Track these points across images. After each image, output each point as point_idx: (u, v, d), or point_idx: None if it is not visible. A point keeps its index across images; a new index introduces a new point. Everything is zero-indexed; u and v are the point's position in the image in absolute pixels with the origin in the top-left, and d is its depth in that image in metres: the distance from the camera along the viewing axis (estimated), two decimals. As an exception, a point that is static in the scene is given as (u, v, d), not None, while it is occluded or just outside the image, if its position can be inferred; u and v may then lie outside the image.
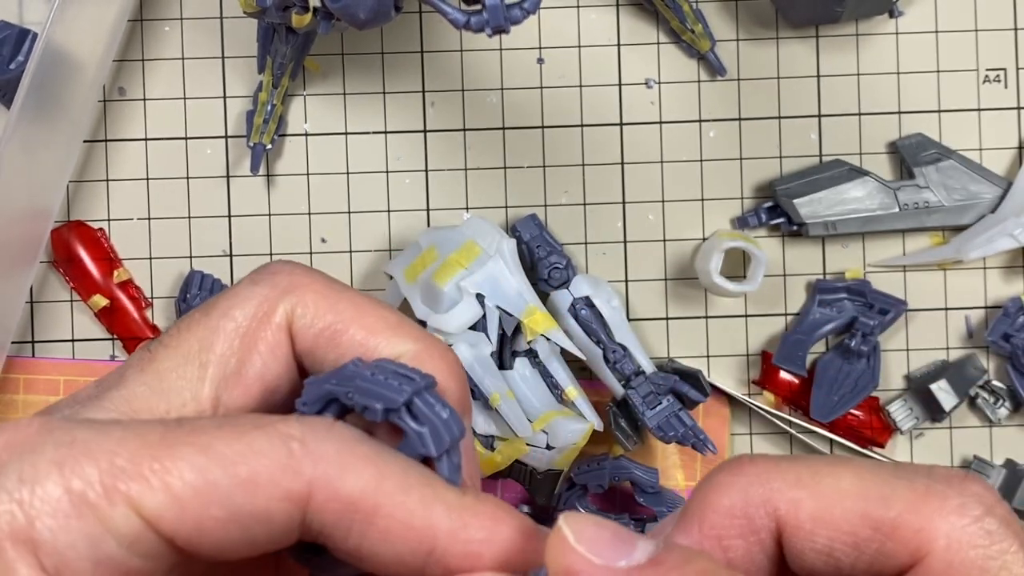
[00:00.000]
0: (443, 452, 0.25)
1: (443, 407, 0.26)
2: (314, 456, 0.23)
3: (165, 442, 0.23)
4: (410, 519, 0.23)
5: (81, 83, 0.51)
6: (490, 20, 0.39)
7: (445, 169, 0.55)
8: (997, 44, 0.55)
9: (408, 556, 0.24)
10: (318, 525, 0.24)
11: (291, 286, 0.27)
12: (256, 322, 0.27)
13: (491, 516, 0.24)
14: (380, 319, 0.27)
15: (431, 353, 0.27)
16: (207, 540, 0.23)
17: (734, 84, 0.55)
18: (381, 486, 0.23)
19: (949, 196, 0.54)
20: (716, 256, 0.52)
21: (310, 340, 0.27)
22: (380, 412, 0.25)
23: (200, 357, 0.27)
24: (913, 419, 0.55)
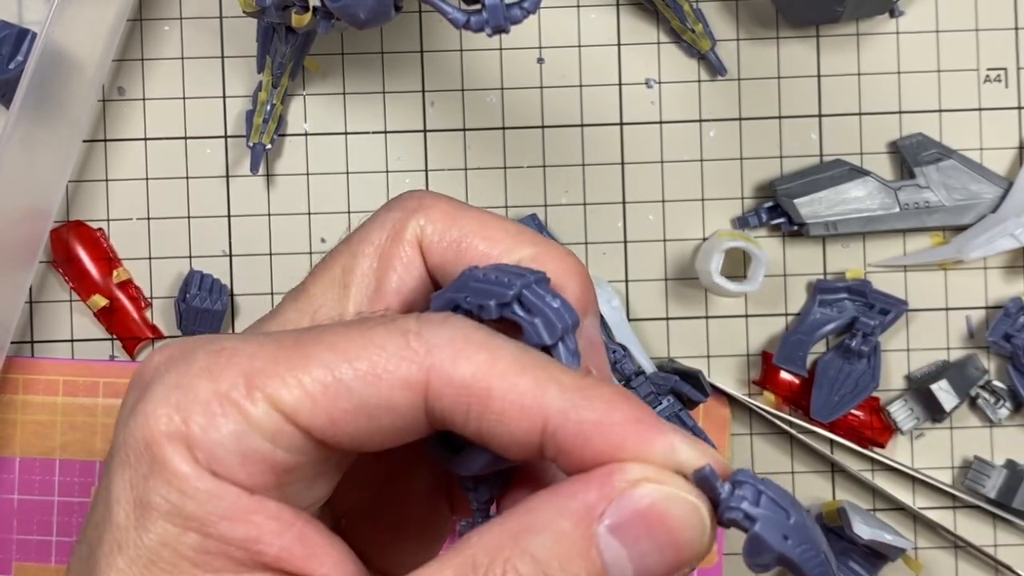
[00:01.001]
0: (557, 339, 0.26)
1: (553, 297, 0.26)
2: (429, 344, 0.25)
3: (298, 344, 0.25)
4: (521, 399, 0.24)
5: (80, 83, 0.51)
6: (490, 20, 0.39)
7: (445, 169, 0.55)
8: (998, 43, 0.55)
9: (522, 436, 0.24)
10: (439, 411, 0.25)
11: (419, 207, 0.29)
12: (390, 242, 0.29)
13: (606, 400, 0.24)
14: (500, 229, 0.29)
15: (549, 255, 0.28)
16: (341, 431, 0.25)
17: (734, 84, 0.55)
18: (493, 369, 0.24)
19: (950, 196, 0.54)
20: (716, 256, 0.52)
21: (439, 254, 0.29)
22: (493, 308, 0.26)
23: (343, 279, 0.29)
24: (914, 419, 0.55)
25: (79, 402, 0.54)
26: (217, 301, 0.54)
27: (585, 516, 0.24)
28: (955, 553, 0.56)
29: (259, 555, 0.25)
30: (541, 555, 0.23)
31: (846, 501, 0.54)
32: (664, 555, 0.24)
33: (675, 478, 0.24)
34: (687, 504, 0.24)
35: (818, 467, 0.56)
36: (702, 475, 0.24)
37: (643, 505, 0.24)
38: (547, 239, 0.29)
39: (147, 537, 0.24)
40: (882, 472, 0.55)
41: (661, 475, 0.24)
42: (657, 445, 0.24)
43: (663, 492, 0.24)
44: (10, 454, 0.54)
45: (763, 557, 0.24)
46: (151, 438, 0.24)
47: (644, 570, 0.24)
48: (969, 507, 0.55)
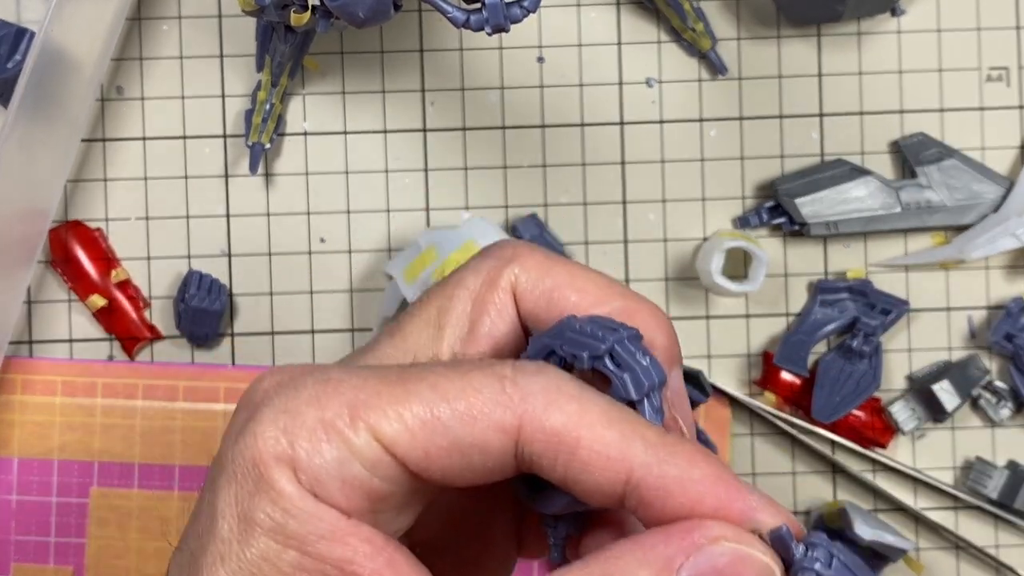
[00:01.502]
0: (643, 396, 0.27)
1: (643, 355, 0.28)
2: (523, 392, 0.26)
3: (401, 380, 0.27)
4: (608, 450, 0.26)
5: (79, 82, 0.51)
6: (490, 19, 0.39)
7: (445, 169, 0.55)
8: (999, 43, 0.55)
9: (607, 485, 0.26)
10: (528, 455, 0.26)
11: (514, 256, 0.31)
12: (485, 287, 0.30)
13: (687, 457, 0.26)
14: (590, 282, 0.30)
15: (639, 308, 0.30)
16: (434, 465, 0.26)
17: (735, 83, 0.55)
18: (583, 420, 0.26)
19: (951, 195, 0.54)
20: (717, 256, 0.52)
21: (531, 302, 0.30)
22: (586, 360, 0.28)
23: (438, 320, 0.30)
24: (915, 420, 0.55)
25: (77, 402, 0.54)
26: (216, 301, 0.54)
27: (665, 568, 0.25)
28: (956, 554, 0.55)
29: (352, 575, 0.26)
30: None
31: (847, 502, 0.54)
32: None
33: (752, 538, 0.25)
34: (762, 564, 0.25)
35: (819, 468, 0.55)
36: (778, 535, 0.25)
37: (721, 562, 0.25)
38: (636, 293, 0.31)
39: (249, 551, 0.26)
40: (883, 473, 0.55)
41: (739, 534, 0.25)
42: (736, 504, 0.26)
43: (740, 551, 0.25)
44: (8, 455, 0.54)
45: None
46: (259, 458, 0.26)
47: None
48: (971, 508, 0.55)
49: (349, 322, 0.55)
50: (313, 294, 0.55)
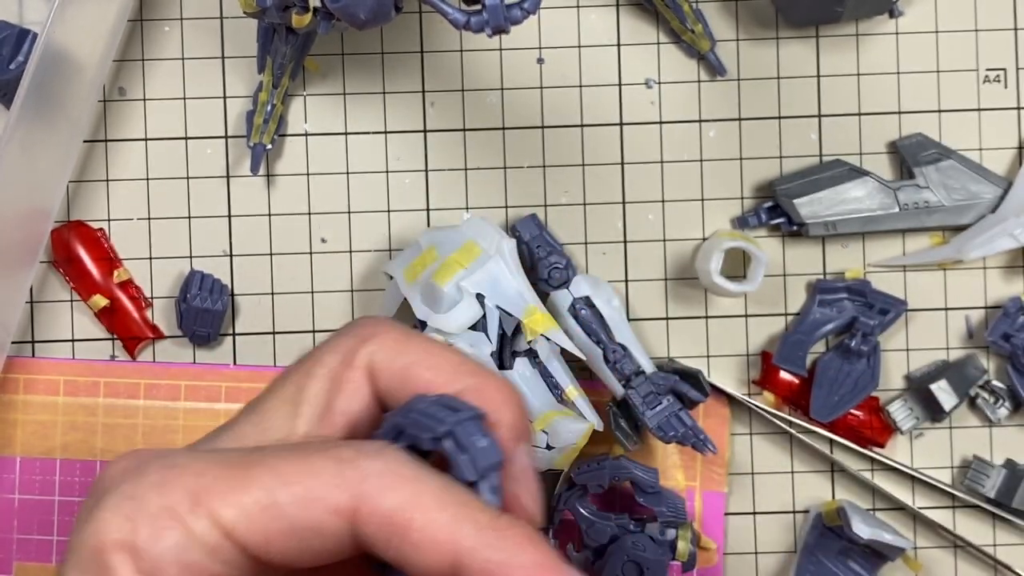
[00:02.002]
0: (480, 476, 0.28)
1: (482, 436, 0.28)
2: (361, 474, 0.27)
3: (243, 464, 0.27)
4: (437, 533, 0.26)
5: (81, 83, 0.51)
6: (490, 20, 0.39)
7: (445, 169, 0.55)
8: (997, 44, 0.55)
9: (436, 566, 0.26)
10: (363, 537, 0.27)
11: (372, 334, 0.31)
12: (342, 366, 0.31)
13: (515, 541, 0.26)
14: (444, 360, 0.31)
15: (488, 385, 0.30)
16: (274, 549, 0.27)
17: (734, 84, 0.55)
18: (417, 501, 0.26)
19: (949, 196, 0.54)
20: (716, 256, 0.52)
21: (386, 380, 0.31)
22: (427, 441, 0.28)
23: (295, 398, 0.31)
24: (913, 419, 0.55)
25: (80, 402, 0.54)
26: (218, 301, 0.54)
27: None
28: (954, 553, 0.56)
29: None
30: None
31: (846, 501, 0.55)
32: None
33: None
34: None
35: (818, 467, 0.56)
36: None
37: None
38: (488, 371, 0.31)
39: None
40: (882, 472, 0.55)
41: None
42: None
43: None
44: (11, 454, 0.54)
45: None
46: (100, 545, 0.27)
47: None
48: (968, 507, 0.55)
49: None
50: (314, 294, 0.55)
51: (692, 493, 0.55)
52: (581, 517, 0.52)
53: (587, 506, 0.53)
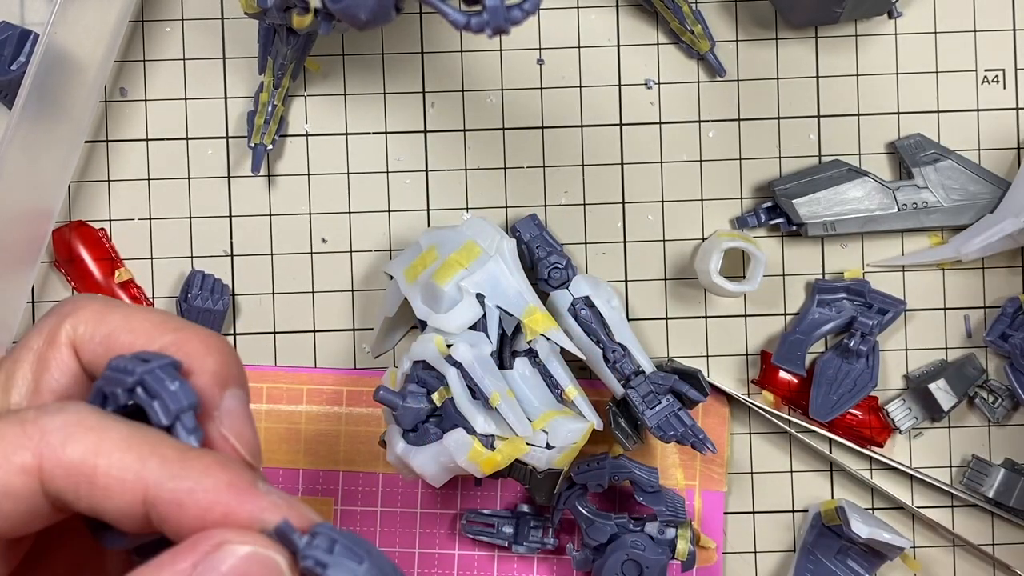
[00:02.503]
0: (174, 419, 0.28)
1: (172, 381, 0.29)
2: (42, 431, 0.27)
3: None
4: (123, 474, 0.26)
5: (82, 84, 0.51)
6: (490, 21, 0.39)
7: (445, 169, 0.55)
8: (996, 45, 0.55)
9: (127, 508, 0.27)
10: (53, 492, 0.27)
11: (71, 310, 0.31)
12: (46, 345, 0.31)
13: (202, 468, 0.27)
14: (144, 320, 0.31)
15: (189, 339, 0.30)
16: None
17: (733, 85, 0.55)
18: (101, 447, 0.26)
19: (948, 196, 0.54)
20: (716, 256, 0.52)
21: (91, 352, 0.31)
22: (121, 395, 0.28)
23: (5, 385, 0.31)
24: (912, 419, 0.55)
25: (81, 401, 0.54)
26: (219, 301, 0.54)
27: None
28: (953, 552, 0.56)
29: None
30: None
31: (845, 500, 0.55)
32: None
33: (257, 537, 0.26)
34: (266, 559, 0.26)
35: (817, 466, 0.56)
36: (279, 530, 0.26)
37: (226, 567, 0.26)
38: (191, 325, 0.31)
39: None
40: (880, 471, 0.55)
41: (242, 536, 0.26)
42: (244, 507, 0.26)
43: (243, 551, 0.26)
44: (12, 453, 0.54)
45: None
46: None
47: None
48: (967, 506, 0.55)
49: (350, 322, 0.55)
50: (315, 294, 0.55)
51: (691, 492, 0.55)
52: (581, 516, 0.52)
53: (587, 505, 0.53)
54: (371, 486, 0.55)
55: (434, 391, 0.48)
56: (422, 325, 0.50)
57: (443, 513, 0.55)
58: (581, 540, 0.53)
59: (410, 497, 0.55)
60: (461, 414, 0.47)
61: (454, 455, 0.47)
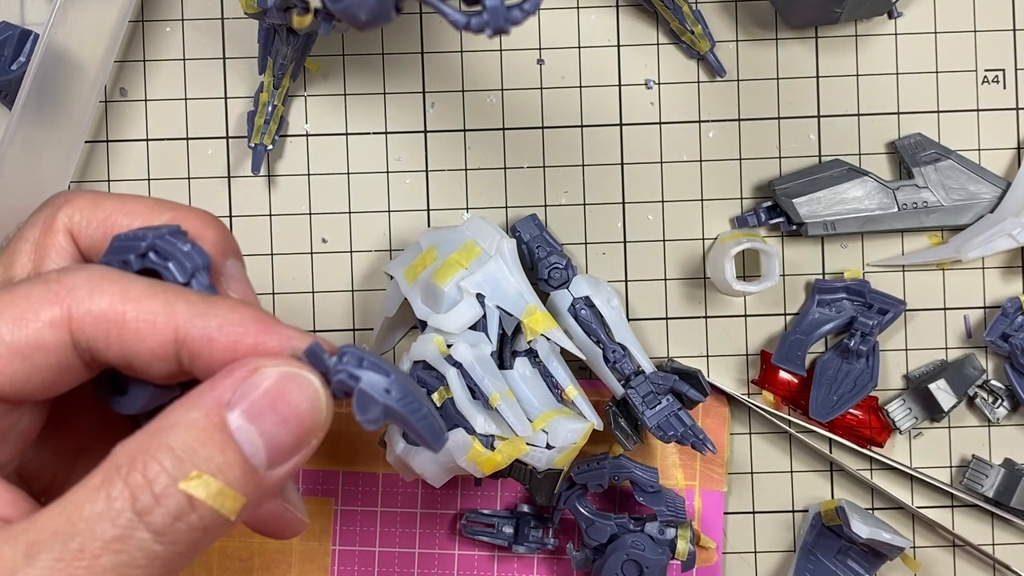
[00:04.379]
0: (190, 277, 0.30)
1: (184, 243, 0.30)
2: (68, 286, 0.28)
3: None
4: (153, 316, 0.28)
5: (82, 84, 0.51)
6: (490, 21, 0.39)
7: (445, 169, 0.55)
8: (996, 45, 0.55)
9: (159, 348, 0.28)
10: (84, 342, 0.28)
11: (65, 201, 0.32)
12: (43, 234, 0.32)
13: (228, 306, 0.28)
14: (138, 203, 0.32)
15: (186, 215, 0.32)
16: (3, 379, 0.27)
17: (733, 85, 0.55)
18: (127, 296, 0.28)
19: (948, 196, 0.54)
20: (728, 265, 0.52)
21: (88, 237, 0.32)
22: (134, 261, 0.30)
23: (5, 275, 0.32)
24: (912, 419, 0.55)
25: (81, 401, 0.54)
26: (218, 301, 0.54)
27: (214, 406, 0.27)
28: (953, 552, 0.56)
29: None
30: (177, 445, 0.26)
31: (845, 500, 0.55)
32: (289, 426, 0.27)
33: (290, 360, 0.28)
34: (301, 378, 0.28)
35: (817, 466, 0.56)
36: (310, 351, 0.28)
37: (264, 387, 0.27)
38: (183, 205, 0.33)
39: None
40: (880, 471, 0.55)
41: (276, 360, 0.28)
42: (273, 336, 0.28)
43: (279, 372, 0.27)
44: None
45: (370, 412, 0.28)
46: None
47: (274, 443, 0.27)
48: (967, 506, 0.55)
49: (351, 322, 0.55)
50: (315, 294, 0.55)
51: (691, 492, 0.55)
52: (581, 516, 0.52)
53: (587, 505, 0.53)
54: (371, 486, 0.55)
55: (434, 391, 0.48)
56: (422, 325, 0.50)
57: (443, 513, 0.55)
58: (581, 540, 0.53)
59: (410, 497, 0.55)
60: (461, 414, 0.47)
61: (454, 455, 0.47)
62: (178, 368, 0.28)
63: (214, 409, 0.27)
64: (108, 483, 0.26)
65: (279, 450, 0.27)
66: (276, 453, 0.27)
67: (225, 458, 0.27)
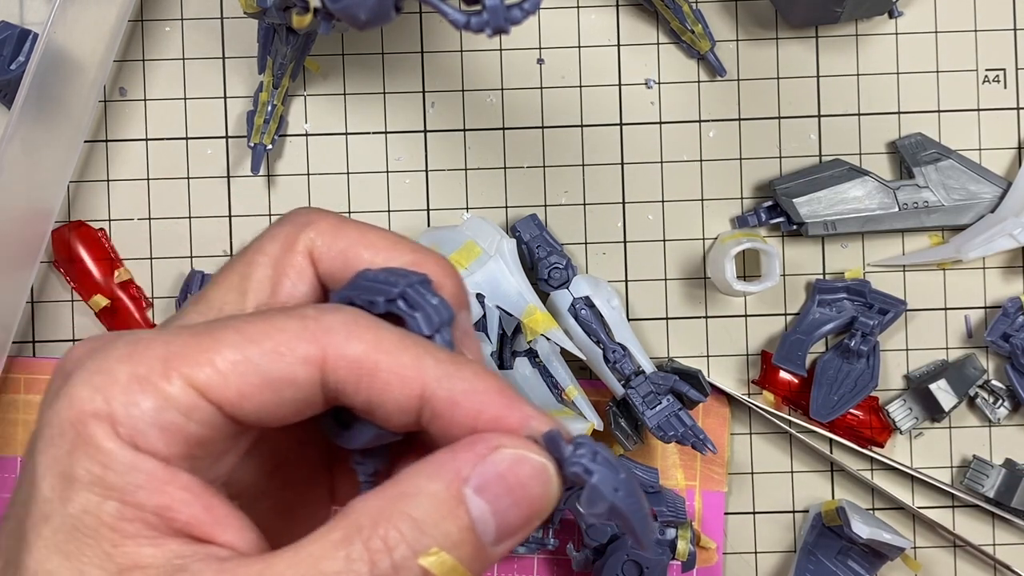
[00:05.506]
0: (435, 331, 0.30)
1: (432, 295, 0.30)
2: (325, 327, 0.28)
3: (209, 331, 0.28)
4: (403, 371, 0.28)
5: (82, 83, 0.51)
6: (490, 20, 0.39)
7: (445, 169, 0.55)
8: (996, 44, 0.55)
9: (404, 401, 0.28)
10: (333, 383, 0.28)
11: (308, 222, 0.33)
12: (283, 253, 0.32)
13: (473, 371, 0.29)
14: (381, 239, 0.32)
15: (427, 260, 0.32)
16: (248, 405, 0.28)
17: (734, 84, 0.55)
18: (380, 346, 0.28)
19: (948, 196, 0.54)
20: (728, 265, 0.52)
21: (328, 263, 0.32)
22: (381, 304, 0.30)
23: (240, 286, 0.32)
24: (912, 419, 0.55)
25: (80, 402, 0.54)
26: (218, 301, 0.54)
27: (454, 480, 0.27)
28: (954, 552, 0.56)
29: (171, 521, 0.27)
30: (418, 515, 0.27)
31: (845, 500, 0.55)
32: (520, 508, 0.28)
33: (528, 443, 0.28)
34: (537, 463, 0.28)
35: (817, 466, 0.56)
36: (550, 437, 0.29)
37: (502, 467, 0.28)
38: (424, 247, 0.33)
39: (71, 506, 0.27)
40: (881, 471, 0.55)
41: (516, 441, 0.28)
42: (514, 413, 0.29)
43: (517, 455, 0.28)
44: (12, 453, 0.54)
45: (598, 507, 0.29)
46: (76, 417, 0.27)
47: (503, 523, 0.28)
48: (968, 506, 0.55)
49: (350, 322, 0.55)
50: (314, 294, 0.55)
51: (692, 493, 0.55)
52: (581, 516, 0.52)
53: (587, 506, 0.53)
54: (371, 486, 0.55)
55: (434, 391, 0.48)
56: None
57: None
58: (581, 540, 0.53)
59: (410, 497, 0.55)
60: (461, 414, 0.47)
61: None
62: (415, 422, 0.29)
63: (454, 483, 0.27)
64: (347, 542, 0.27)
65: (506, 529, 0.28)
66: (503, 532, 0.28)
67: (461, 536, 0.27)
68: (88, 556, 0.27)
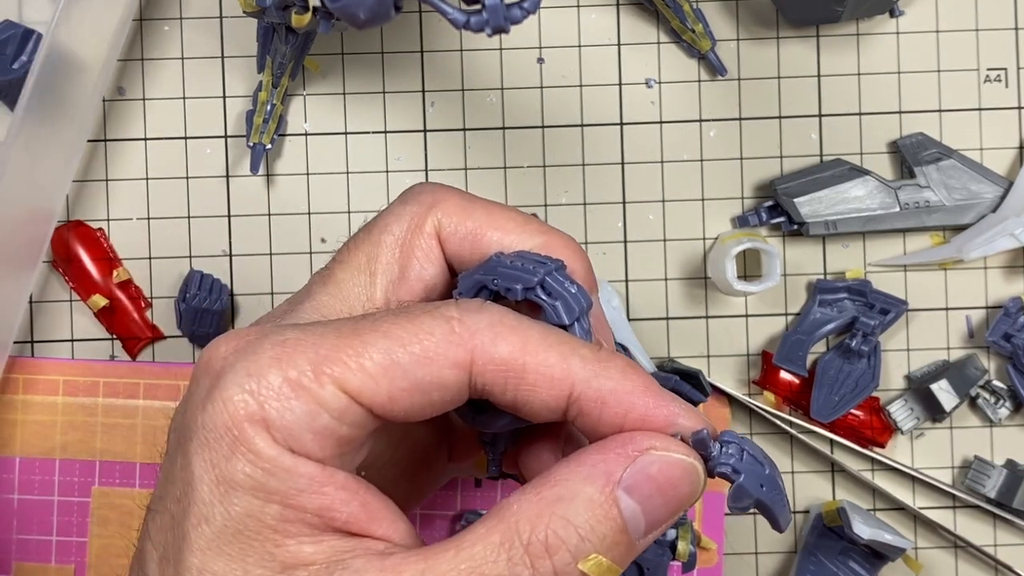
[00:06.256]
0: (574, 320, 0.30)
1: (571, 283, 0.31)
2: (471, 330, 0.29)
3: (356, 332, 0.29)
4: (551, 371, 0.29)
5: (85, 84, 0.51)
6: (490, 20, 0.39)
7: (445, 169, 0.55)
8: (998, 43, 0.55)
9: (552, 402, 0.29)
10: (481, 384, 0.29)
11: (435, 202, 0.33)
12: (411, 233, 0.33)
13: (619, 370, 0.29)
14: (509, 220, 0.33)
15: (557, 242, 0.33)
16: (398, 406, 0.28)
17: (734, 84, 0.55)
18: (527, 347, 0.29)
19: (950, 195, 0.54)
20: (729, 265, 0.52)
21: (455, 244, 0.33)
22: (520, 291, 0.30)
23: (368, 268, 0.33)
24: (914, 419, 0.55)
25: (79, 402, 0.54)
26: (217, 301, 0.54)
27: (607, 483, 0.28)
28: (955, 553, 0.56)
29: (331, 521, 0.28)
30: (575, 519, 0.28)
31: (846, 501, 0.55)
32: (669, 506, 0.29)
33: (677, 443, 0.29)
34: (687, 465, 0.29)
35: (818, 467, 0.56)
36: (699, 437, 0.29)
37: (653, 469, 0.28)
38: (552, 228, 0.33)
39: (233, 510, 0.28)
40: (882, 472, 0.55)
41: (666, 442, 0.29)
42: (662, 411, 0.29)
43: (668, 457, 0.29)
44: (10, 454, 0.54)
45: (743, 502, 0.30)
46: (232, 422, 0.28)
47: (653, 519, 0.29)
48: (969, 507, 0.55)
49: (350, 322, 0.55)
50: (314, 294, 0.55)
51: (692, 493, 0.55)
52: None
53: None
54: (371, 487, 0.55)
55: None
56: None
57: (442, 514, 0.55)
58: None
59: (410, 498, 0.55)
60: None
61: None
62: (561, 418, 0.29)
63: (608, 486, 0.28)
64: (508, 545, 0.28)
65: (654, 524, 0.29)
66: (651, 527, 0.29)
67: (615, 537, 0.28)
68: (252, 557, 0.28)
